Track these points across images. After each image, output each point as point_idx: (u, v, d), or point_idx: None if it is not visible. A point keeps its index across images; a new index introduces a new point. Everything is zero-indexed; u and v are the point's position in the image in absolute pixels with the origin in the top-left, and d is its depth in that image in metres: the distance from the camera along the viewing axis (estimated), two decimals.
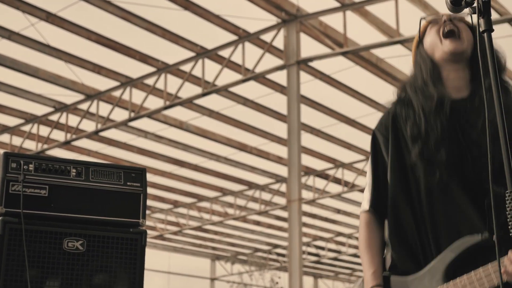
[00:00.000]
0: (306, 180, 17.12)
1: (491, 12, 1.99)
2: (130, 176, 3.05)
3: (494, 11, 9.61)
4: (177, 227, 20.64)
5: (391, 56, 11.38)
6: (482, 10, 1.96)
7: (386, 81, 12.15)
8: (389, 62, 11.77)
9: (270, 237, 22.98)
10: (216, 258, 26.41)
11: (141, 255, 2.98)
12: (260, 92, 12.62)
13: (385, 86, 12.26)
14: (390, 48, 10.71)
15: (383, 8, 10.18)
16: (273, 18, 10.68)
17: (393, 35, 10.22)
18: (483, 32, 1.96)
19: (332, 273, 28.55)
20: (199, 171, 16.65)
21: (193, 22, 10.62)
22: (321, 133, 14.51)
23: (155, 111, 12.40)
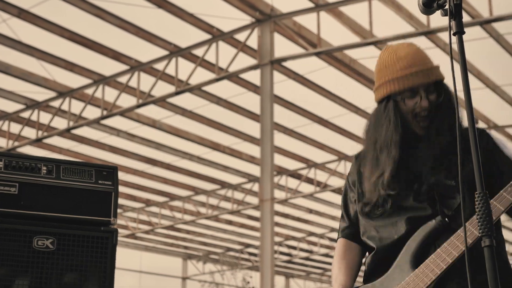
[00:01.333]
0: (279, 180, 17.15)
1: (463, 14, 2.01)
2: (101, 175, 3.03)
3: (466, 13, 9.70)
4: (149, 226, 20.56)
5: (364, 57, 11.44)
6: (454, 12, 1.98)
7: (359, 82, 12.21)
8: (362, 63, 11.83)
9: (242, 236, 22.99)
10: (188, 257, 26.36)
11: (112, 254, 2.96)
12: (234, 92, 12.62)
13: (358, 87, 12.33)
14: (363, 49, 10.76)
15: (356, 9, 10.23)
16: (247, 18, 10.68)
17: (366, 36, 10.28)
18: (455, 34, 1.98)
19: (303, 272, 28.63)
20: (172, 170, 16.60)
21: (167, 20, 10.59)
22: (294, 133, 14.55)
23: (128, 110, 12.35)
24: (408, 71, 2.53)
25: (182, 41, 11.30)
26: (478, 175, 1.85)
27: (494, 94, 12.70)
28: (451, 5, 1.98)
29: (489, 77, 12.32)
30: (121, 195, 18.04)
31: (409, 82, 2.53)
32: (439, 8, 2.07)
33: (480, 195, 1.86)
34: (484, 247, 1.81)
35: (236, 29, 10.95)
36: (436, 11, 2.11)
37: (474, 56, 11.43)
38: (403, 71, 2.54)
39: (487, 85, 12.36)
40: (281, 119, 13.34)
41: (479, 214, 1.85)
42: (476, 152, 1.87)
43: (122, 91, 12.13)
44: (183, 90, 11.52)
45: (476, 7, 9.79)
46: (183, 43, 11.34)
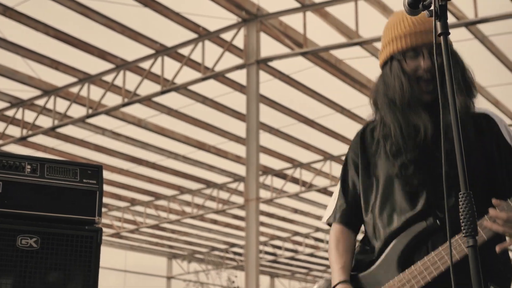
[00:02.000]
0: (264, 180, 17.15)
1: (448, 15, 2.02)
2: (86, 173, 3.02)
3: (451, 15, 9.74)
4: (134, 225, 20.51)
5: (350, 57, 11.47)
6: (439, 13, 1.98)
7: (345, 82, 12.24)
8: (348, 63, 11.85)
9: (227, 236, 22.98)
10: (172, 257, 26.32)
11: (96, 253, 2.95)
12: (219, 91, 12.61)
13: (343, 87, 12.35)
14: (349, 49, 10.79)
15: (342, 9, 10.25)
16: (233, 17, 10.68)
17: (353, 36, 10.30)
18: (440, 35, 1.99)
19: (288, 272, 28.65)
20: (157, 169, 16.57)
21: (153, 19, 10.56)
22: (279, 133, 14.56)
23: (113, 108, 12.31)
24: (412, 30, 2.53)
25: (168, 40, 11.28)
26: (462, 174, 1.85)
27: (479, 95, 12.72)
28: (436, 6, 1.99)
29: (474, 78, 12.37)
30: (106, 194, 18.00)
31: (411, 40, 2.52)
32: (424, 9, 2.08)
33: (464, 195, 1.87)
34: (468, 247, 1.82)
35: (222, 29, 10.94)
36: (421, 12, 2.12)
37: None
38: (407, 29, 2.54)
39: None
40: (267, 118, 13.35)
41: (463, 214, 1.85)
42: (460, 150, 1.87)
43: (108, 90, 12.09)
44: (169, 89, 11.49)
45: (461, 9, 9.84)
46: (169, 42, 11.32)
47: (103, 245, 3.00)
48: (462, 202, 1.86)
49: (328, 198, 9.12)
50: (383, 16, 10.18)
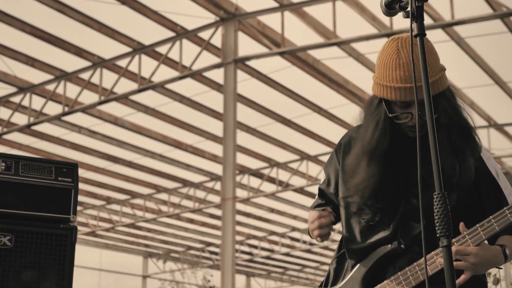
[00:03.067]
0: (241, 179, 17.15)
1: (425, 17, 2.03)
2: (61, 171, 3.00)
3: (428, 16, 9.80)
4: (110, 224, 20.41)
5: (327, 57, 11.50)
6: (415, 15, 1.99)
7: (322, 82, 12.27)
8: (326, 63, 11.88)
9: (204, 235, 22.95)
10: (148, 256, 26.24)
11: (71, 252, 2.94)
12: (197, 90, 12.58)
13: (321, 87, 12.38)
14: (327, 50, 10.82)
15: (320, 10, 10.28)
16: (211, 16, 10.66)
17: (330, 36, 10.33)
18: (416, 36, 2.00)
19: (264, 272, 28.67)
20: (133, 167, 16.50)
21: (130, 17, 10.52)
22: (256, 132, 14.56)
23: (90, 106, 12.25)
24: (404, 84, 2.43)
25: (145, 38, 11.24)
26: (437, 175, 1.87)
27: None
28: (413, 7, 2.00)
29: (450, 80, 12.45)
30: (81, 192, 17.90)
31: (401, 96, 2.44)
32: (401, 10, 2.09)
33: (438, 196, 1.88)
34: (442, 247, 1.83)
35: (200, 27, 10.92)
36: (398, 13, 2.12)
37: None
38: (398, 83, 2.43)
39: None
40: (244, 118, 13.34)
41: (438, 215, 1.87)
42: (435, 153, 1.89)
43: (84, 88, 12.03)
44: (146, 87, 11.46)
45: (438, 10, 9.90)
46: (147, 40, 11.28)
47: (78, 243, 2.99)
48: (437, 203, 1.88)
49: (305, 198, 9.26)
50: (361, 17, 10.22)
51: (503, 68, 12.11)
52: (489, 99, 13.42)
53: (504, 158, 16.77)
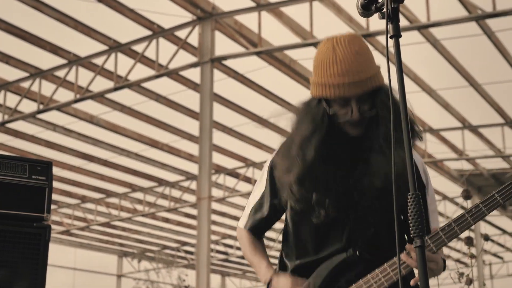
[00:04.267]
0: (217, 178, 17.13)
1: (402, 19, 2.04)
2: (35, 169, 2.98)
3: (404, 18, 9.86)
4: (84, 223, 20.30)
5: (304, 58, 11.53)
6: (391, 16, 2.00)
7: (298, 82, 12.29)
8: (302, 63, 11.91)
9: (179, 234, 22.90)
10: (123, 255, 26.13)
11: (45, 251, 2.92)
12: (173, 89, 12.55)
13: (297, 87, 12.40)
14: (304, 50, 10.84)
15: (297, 10, 10.30)
16: (188, 15, 10.64)
17: (307, 37, 10.35)
18: (391, 37, 2.01)
19: (239, 271, 28.69)
20: (109, 166, 16.42)
21: (106, 15, 10.47)
22: (233, 132, 14.55)
23: (65, 104, 12.18)
24: (341, 80, 2.41)
25: (122, 36, 11.19)
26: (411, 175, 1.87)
27: (429, 97, 12.95)
28: (388, 8, 2.01)
29: (425, 81, 12.56)
30: (56, 191, 17.78)
31: (340, 92, 2.42)
32: (377, 11, 2.10)
33: (412, 196, 1.89)
34: (416, 247, 1.84)
35: (177, 26, 10.89)
36: (374, 14, 2.13)
37: (411, 60, 11.64)
38: (336, 78, 2.42)
39: (423, 88, 12.59)
40: (220, 117, 13.33)
41: (411, 215, 1.87)
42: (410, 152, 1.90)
43: (60, 85, 11.95)
44: (122, 86, 11.41)
45: (414, 12, 9.96)
46: (123, 38, 11.23)
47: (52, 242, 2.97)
48: (410, 203, 1.88)
49: None
50: (338, 18, 10.26)
51: (477, 70, 12.23)
52: (464, 101, 13.54)
53: (478, 160, 16.92)
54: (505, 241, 25.55)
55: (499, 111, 13.89)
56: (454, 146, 15.87)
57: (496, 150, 15.83)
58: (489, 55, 11.41)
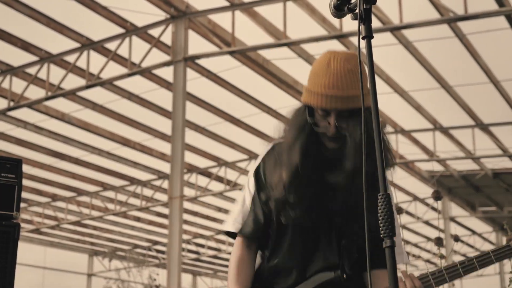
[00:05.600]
0: (189, 178, 17.11)
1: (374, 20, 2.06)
2: (4, 167, 2.95)
3: (377, 19, 9.91)
4: (55, 221, 20.15)
5: (277, 58, 11.54)
6: (363, 17, 2.01)
7: (271, 82, 12.31)
8: (275, 63, 11.93)
9: (150, 233, 22.83)
10: (94, 254, 25.99)
11: (13, 249, 2.89)
12: (146, 87, 12.51)
13: (270, 87, 12.42)
14: (277, 50, 10.86)
15: (271, 10, 10.31)
16: (161, 14, 10.61)
17: (280, 37, 10.37)
18: (364, 38, 2.02)
19: (211, 271, 28.67)
20: (80, 164, 16.32)
21: (79, 12, 10.39)
22: (205, 131, 14.53)
23: (36, 102, 12.08)
24: (326, 92, 2.47)
25: (94, 34, 11.13)
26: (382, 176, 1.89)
27: (401, 99, 13.04)
28: (361, 9, 2.01)
29: (398, 82, 12.64)
30: (26, 189, 17.64)
31: (322, 102, 2.48)
32: (349, 12, 2.10)
33: (383, 197, 1.90)
34: (385, 248, 1.85)
35: (150, 25, 10.86)
36: (346, 14, 2.13)
37: (383, 62, 11.71)
38: (322, 89, 2.48)
39: (395, 90, 12.67)
40: (193, 116, 13.31)
41: (381, 215, 1.88)
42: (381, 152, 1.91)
43: (31, 83, 11.86)
44: (94, 84, 11.35)
45: (387, 14, 10.02)
46: (96, 36, 11.16)
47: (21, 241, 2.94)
48: (381, 203, 1.90)
49: None
50: (311, 18, 10.29)
51: (449, 72, 12.34)
52: (435, 103, 13.65)
53: (448, 161, 17.07)
54: (474, 242, 25.82)
55: (470, 113, 14.03)
56: (425, 147, 16.01)
57: (467, 151, 15.99)
58: (460, 58, 11.52)
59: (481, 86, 12.57)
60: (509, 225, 3.95)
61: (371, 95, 1.97)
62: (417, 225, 21.49)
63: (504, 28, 10.34)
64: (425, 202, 19.98)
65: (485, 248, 26.58)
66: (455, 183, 19.00)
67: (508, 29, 10.31)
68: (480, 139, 15.13)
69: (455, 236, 4.18)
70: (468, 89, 12.94)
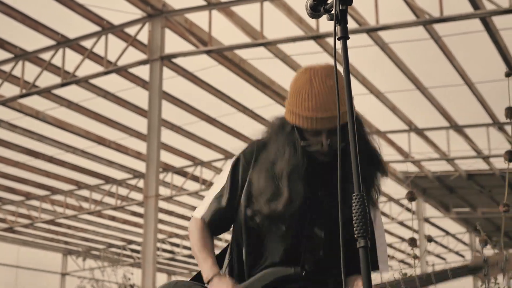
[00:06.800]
0: (164, 177, 17.06)
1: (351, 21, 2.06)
2: None
3: (353, 21, 9.95)
4: (29, 220, 20.00)
5: (254, 57, 11.55)
6: (339, 18, 2.01)
7: (248, 82, 12.31)
8: (252, 63, 11.93)
9: (125, 232, 22.74)
10: (68, 253, 25.83)
11: None
12: (122, 86, 12.45)
13: (246, 86, 12.43)
14: (253, 50, 10.87)
15: (248, 9, 10.31)
16: (138, 12, 10.56)
17: (257, 37, 10.38)
18: (339, 39, 2.02)
19: (186, 270, 28.62)
20: (54, 163, 16.20)
21: (55, 9, 10.32)
22: (181, 130, 14.51)
23: (10, 99, 11.98)
24: (315, 115, 2.51)
25: (70, 31, 11.06)
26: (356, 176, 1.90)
27: (377, 100, 13.10)
28: (337, 10, 2.02)
29: (373, 84, 12.70)
30: (0, 187, 17.51)
31: (313, 125, 2.52)
32: (325, 12, 2.11)
33: (357, 197, 1.91)
34: (359, 248, 1.86)
35: (126, 23, 10.80)
36: (322, 15, 2.14)
37: (359, 63, 11.77)
38: (310, 112, 2.51)
39: (371, 91, 12.73)
40: (169, 115, 13.27)
41: (355, 215, 1.89)
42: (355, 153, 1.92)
43: (5, 80, 11.75)
44: (70, 81, 11.28)
45: (363, 15, 10.06)
46: (71, 34, 11.09)
47: None
48: (355, 203, 1.91)
49: None
50: (288, 19, 10.30)
51: (424, 74, 12.42)
52: (411, 104, 13.74)
53: (423, 162, 17.18)
54: (448, 242, 26.02)
55: (445, 114, 14.13)
56: (400, 148, 16.10)
57: (441, 153, 16.10)
58: (435, 59, 11.60)
59: (456, 88, 12.66)
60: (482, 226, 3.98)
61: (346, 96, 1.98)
62: (391, 226, 21.61)
63: (479, 30, 10.42)
64: (400, 203, 20.10)
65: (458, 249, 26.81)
66: (430, 184, 19.13)
67: (483, 31, 10.40)
68: (454, 140, 15.25)
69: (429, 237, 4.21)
70: (443, 91, 13.03)
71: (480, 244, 3.31)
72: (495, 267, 2.68)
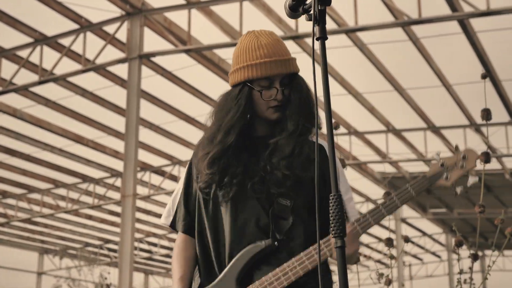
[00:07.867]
0: (142, 176, 17.01)
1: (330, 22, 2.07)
2: None
3: (333, 21, 9.98)
4: (5, 219, 19.84)
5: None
6: (318, 18, 2.02)
7: (226, 82, 12.25)
8: (231, 63, 11.91)
9: (102, 232, 22.64)
10: (44, 252, 25.67)
11: None
12: (100, 84, 12.40)
13: (226, 86, 12.38)
14: (232, 50, 10.84)
15: (227, 9, 10.31)
16: (117, 10, 10.52)
17: (236, 36, 10.38)
18: (318, 39, 2.03)
19: (163, 270, 28.55)
20: (31, 161, 16.09)
21: (32, 6, 10.25)
22: (159, 129, 14.47)
23: None
24: (268, 59, 2.57)
25: (48, 29, 10.99)
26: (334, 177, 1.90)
27: (355, 100, 13.15)
28: (315, 10, 2.03)
29: (352, 84, 12.75)
30: None
31: (267, 70, 2.57)
32: (304, 12, 2.12)
33: (334, 197, 1.91)
34: (336, 248, 1.87)
35: (105, 21, 10.76)
36: (301, 15, 2.15)
37: (338, 63, 11.80)
38: (263, 58, 2.58)
39: (349, 91, 12.78)
40: (147, 114, 13.24)
41: (333, 216, 1.90)
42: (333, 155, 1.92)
43: None
44: (47, 79, 11.21)
45: (342, 16, 10.10)
46: (49, 31, 11.03)
47: None
48: (332, 204, 1.92)
49: None
50: (267, 19, 10.31)
51: (402, 75, 12.49)
52: (389, 105, 13.81)
53: (401, 163, 17.27)
54: (424, 243, 26.19)
55: (422, 115, 14.22)
56: (378, 149, 16.18)
57: (418, 153, 16.20)
58: (414, 61, 11.67)
59: (434, 89, 12.75)
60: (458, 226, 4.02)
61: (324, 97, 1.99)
62: None
63: (457, 32, 10.50)
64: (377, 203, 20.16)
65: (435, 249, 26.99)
66: None
67: (460, 33, 10.47)
68: (431, 141, 15.34)
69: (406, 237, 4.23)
70: (420, 92, 13.11)
71: None
72: (454, 168, 2.66)
